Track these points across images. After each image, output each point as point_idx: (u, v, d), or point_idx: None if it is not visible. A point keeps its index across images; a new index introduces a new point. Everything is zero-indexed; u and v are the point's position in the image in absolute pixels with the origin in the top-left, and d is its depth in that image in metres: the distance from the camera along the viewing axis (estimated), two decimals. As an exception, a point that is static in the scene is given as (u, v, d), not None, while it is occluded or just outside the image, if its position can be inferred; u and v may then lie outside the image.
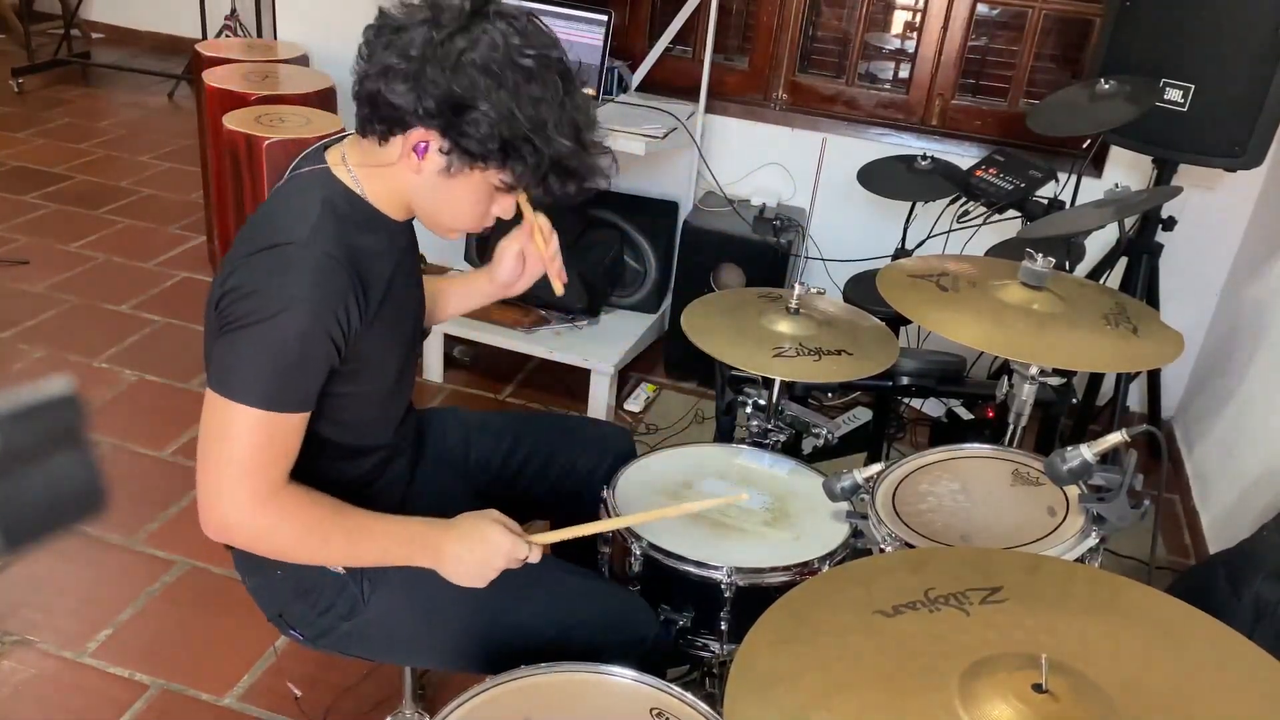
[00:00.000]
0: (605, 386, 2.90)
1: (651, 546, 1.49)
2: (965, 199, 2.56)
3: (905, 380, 2.23)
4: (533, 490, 1.69)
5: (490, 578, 1.29)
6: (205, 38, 5.10)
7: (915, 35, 3.16)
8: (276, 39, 3.71)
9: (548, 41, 1.20)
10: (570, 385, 2.98)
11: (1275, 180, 2.73)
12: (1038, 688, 0.85)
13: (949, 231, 2.63)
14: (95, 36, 6.25)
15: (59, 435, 0.43)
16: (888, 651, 0.93)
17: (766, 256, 2.95)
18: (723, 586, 1.45)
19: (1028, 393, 1.74)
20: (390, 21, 1.18)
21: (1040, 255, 1.68)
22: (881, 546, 1.41)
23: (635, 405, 3.03)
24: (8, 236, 3.71)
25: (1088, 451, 1.34)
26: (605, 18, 2.88)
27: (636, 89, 3.22)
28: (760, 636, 0.97)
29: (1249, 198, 2.84)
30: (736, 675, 0.92)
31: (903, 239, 2.78)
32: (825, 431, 1.99)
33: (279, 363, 1.17)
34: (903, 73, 3.28)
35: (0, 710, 1.88)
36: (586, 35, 2.90)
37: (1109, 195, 2.20)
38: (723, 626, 1.49)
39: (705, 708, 1.21)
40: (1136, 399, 3.08)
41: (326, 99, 3.23)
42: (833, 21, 3.32)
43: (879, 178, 2.69)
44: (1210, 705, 0.89)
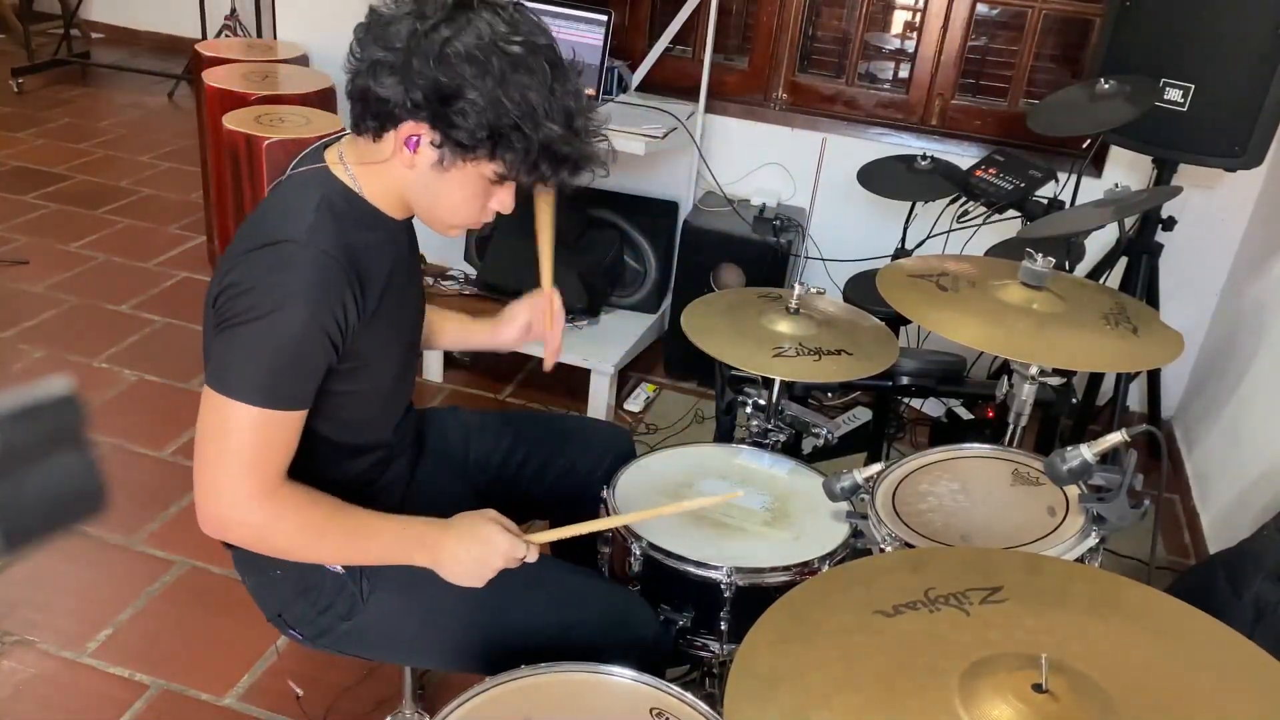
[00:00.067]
0: (605, 386, 2.90)
1: (651, 546, 1.49)
2: (965, 199, 2.56)
3: (905, 380, 2.23)
4: (532, 490, 1.69)
5: (488, 577, 1.29)
6: (205, 38, 5.10)
7: (915, 35, 3.16)
8: (276, 39, 3.71)
9: (535, 29, 1.20)
10: (570, 385, 2.98)
11: (1275, 180, 2.73)
12: (1038, 688, 0.85)
13: (949, 231, 2.63)
14: (95, 36, 6.25)
15: (59, 435, 0.43)
16: (888, 651, 0.93)
17: (766, 256, 2.95)
18: (723, 586, 1.45)
19: (1028, 393, 1.74)
20: (378, 18, 1.19)
21: (1040, 255, 1.68)
22: (881, 546, 1.41)
23: (635, 405, 3.03)
24: (8, 236, 3.71)
25: (1088, 451, 1.34)
26: (605, 18, 2.88)
27: (636, 89, 3.22)
28: (760, 636, 0.97)
29: (1249, 198, 2.84)
30: (736, 675, 0.92)
31: (903, 239, 2.78)
32: (825, 431, 1.99)
33: (276, 360, 1.17)
34: (903, 73, 3.28)
35: (0, 710, 1.88)
36: (586, 35, 2.90)
37: (1109, 195, 2.19)
38: (723, 626, 1.49)
39: (705, 708, 1.21)
40: (1136, 399, 3.08)
41: (326, 99, 3.23)
42: (833, 21, 3.31)
43: (879, 178, 2.69)
44: (1210, 705, 0.89)
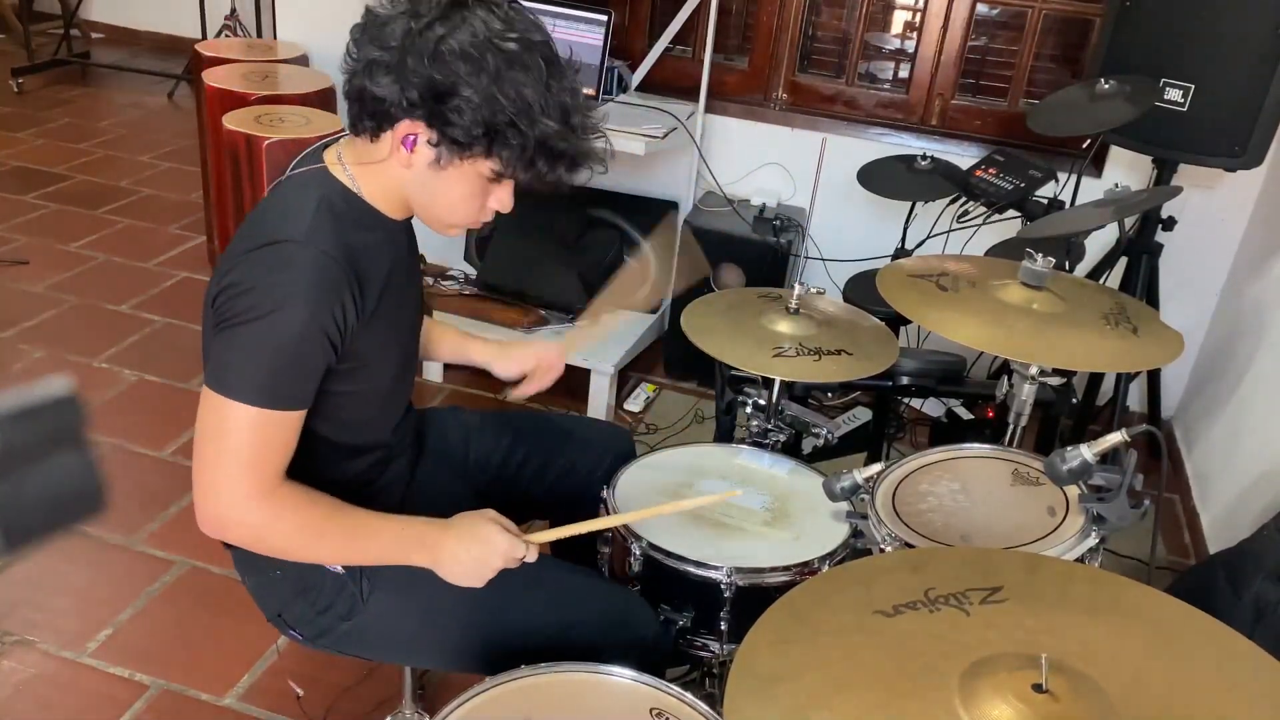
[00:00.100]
0: (605, 386, 2.90)
1: (651, 546, 1.49)
2: (965, 199, 2.56)
3: (905, 380, 2.23)
4: (532, 490, 1.69)
5: (488, 577, 1.29)
6: (205, 38, 5.10)
7: (915, 35, 3.16)
8: (276, 39, 3.71)
9: (530, 26, 1.20)
10: (570, 385, 2.97)
11: (1275, 180, 2.73)
12: (1038, 688, 0.85)
13: (949, 231, 2.63)
14: (95, 36, 6.25)
15: (59, 435, 0.43)
16: (888, 651, 0.93)
17: (766, 256, 2.95)
18: (723, 586, 1.45)
19: (1028, 393, 1.74)
20: (374, 18, 1.19)
21: (1040, 255, 1.68)
22: (881, 546, 1.41)
23: (635, 405, 3.03)
24: (8, 236, 3.71)
25: (1088, 451, 1.34)
26: (605, 18, 2.88)
27: (636, 89, 3.22)
28: (760, 636, 0.97)
29: (1249, 198, 2.84)
30: (736, 675, 0.92)
31: (903, 239, 2.78)
32: (825, 431, 1.99)
33: (275, 360, 1.17)
34: (903, 73, 3.28)
35: (0, 710, 1.88)
36: (586, 35, 2.90)
37: (1109, 195, 2.19)
38: (723, 626, 1.49)
39: (705, 708, 1.21)
40: (1136, 399, 3.08)
41: (326, 99, 3.23)
42: (833, 21, 3.31)
43: (879, 178, 2.69)
44: (1210, 705, 0.89)
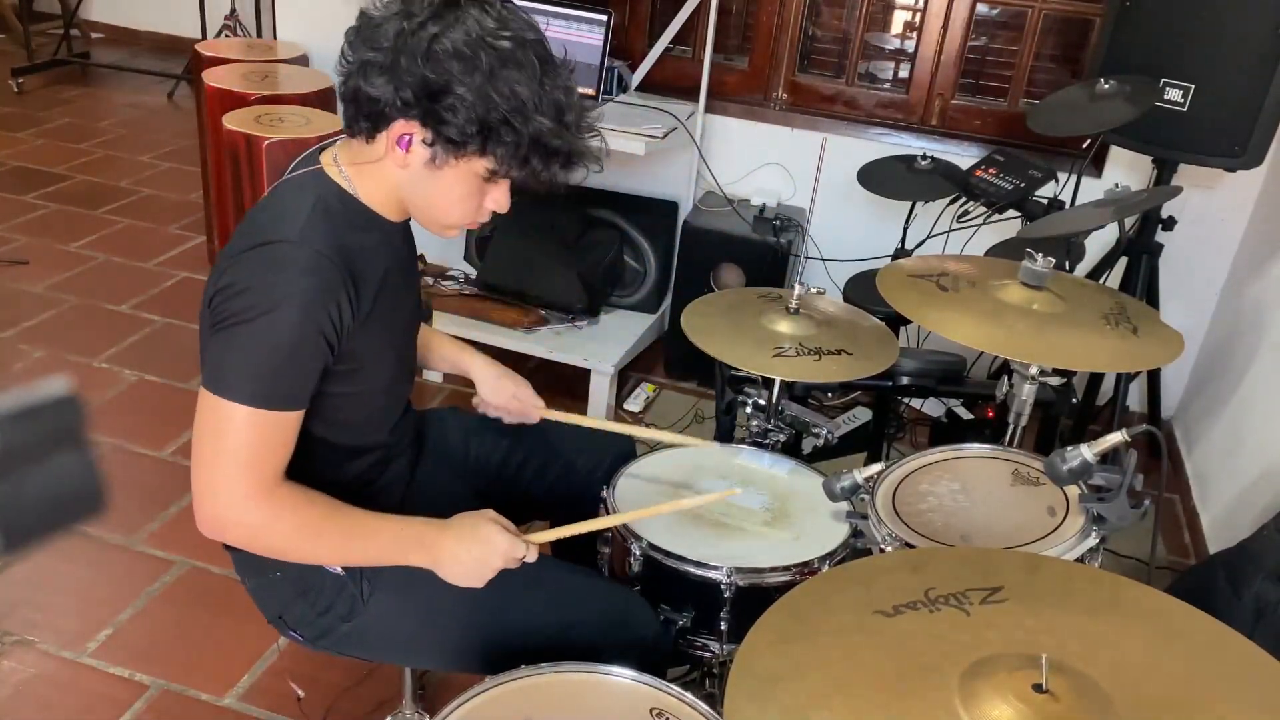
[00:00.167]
0: (605, 386, 2.90)
1: (651, 546, 1.49)
2: (965, 199, 2.56)
3: (905, 380, 2.23)
4: (532, 490, 1.69)
5: (488, 577, 1.29)
6: (205, 38, 5.10)
7: (915, 35, 3.16)
8: (276, 39, 3.71)
9: (524, 25, 1.20)
10: (570, 385, 2.98)
11: (1275, 180, 2.73)
12: (1038, 688, 0.85)
13: (949, 231, 2.63)
14: (95, 36, 6.25)
15: (59, 435, 0.43)
16: (888, 651, 0.93)
17: (766, 256, 2.95)
18: (723, 586, 1.45)
19: (1028, 393, 1.74)
20: (368, 20, 1.20)
21: (1040, 255, 1.68)
22: (881, 546, 1.41)
23: (635, 405, 3.03)
24: (8, 236, 3.71)
25: (1088, 451, 1.34)
26: (605, 18, 2.88)
27: (636, 89, 3.22)
28: (760, 636, 0.97)
29: (1249, 198, 2.84)
30: (736, 675, 0.92)
31: (903, 239, 2.78)
32: (825, 431, 1.99)
33: (271, 360, 1.17)
34: (903, 72, 3.28)
35: (0, 710, 1.88)
36: (586, 35, 2.90)
37: (1109, 195, 2.19)
38: (723, 626, 1.49)
39: (705, 708, 1.21)
40: (1136, 399, 3.08)
41: (326, 99, 3.23)
42: (833, 21, 3.31)
43: (879, 178, 2.69)
44: (1210, 705, 0.89)
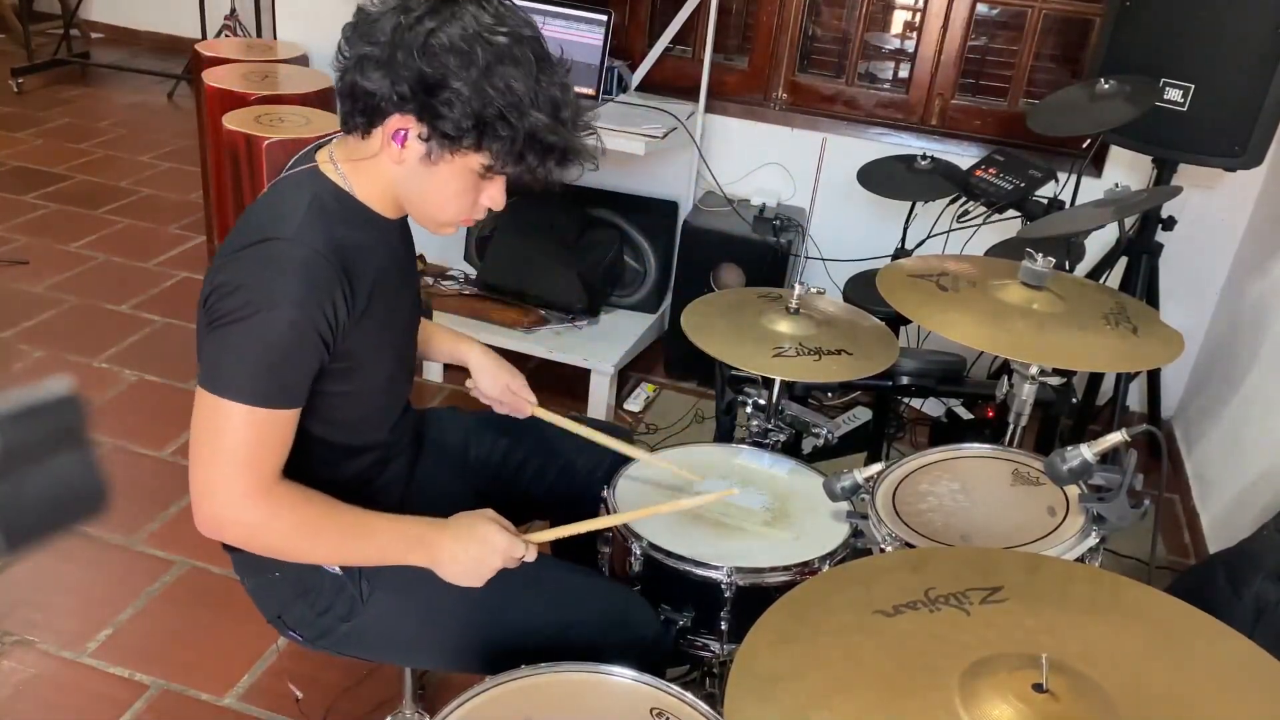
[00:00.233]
0: (605, 386, 2.90)
1: (652, 546, 1.49)
2: (965, 199, 2.56)
3: (905, 380, 2.23)
4: (532, 490, 1.69)
5: (487, 576, 1.29)
6: (205, 38, 5.10)
7: (915, 35, 3.16)
8: (276, 39, 3.71)
9: (520, 22, 1.20)
10: (570, 385, 2.98)
11: (1275, 180, 2.73)
12: (1038, 688, 0.85)
13: (949, 231, 2.63)
14: (95, 36, 6.25)
15: (60, 435, 0.43)
16: (888, 651, 0.93)
17: (766, 256, 2.95)
18: (723, 586, 1.45)
19: (1028, 393, 1.74)
20: (365, 16, 1.20)
21: (1040, 255, 1.68)
22: (881, 546, 1.41)
23: (635, 405, 3.03)
24: (8, 236, 3.71)
25: (1088, 451, 1.34)
26: (605, 18, 2.88)
27: (636, 89, 3.22)
28: (760, 636, 0.97)
29: (1249, 198, 2.85)
30: (736, 675, 0.92)
31: (902, 239, 2.78)
32: (825, 431, 1.99)
33: (267, 358, 1.17)
34: (902, 72, 3.28)
35: (0, 710, 1.88)
36: (586, 35, 2.90)
37: (1109, 195, 2.19)
38: (723, 626, 1.49)
39: (705, 708, 1.21)
40: (1136, 399, 3.08)
41: (326, 99, 3.23)
42: (832, 21, 3.31)
43: (879, 177, 2.69)
44: (1210, 705, 0.89)
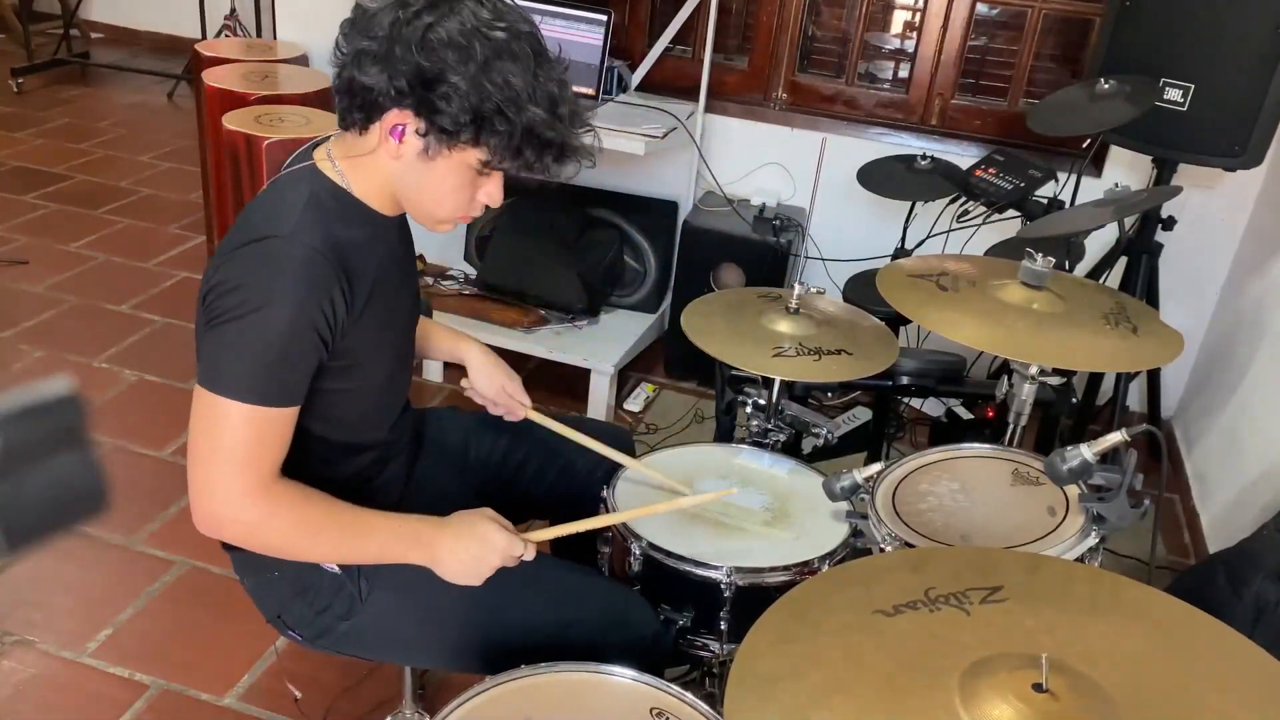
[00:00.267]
0: (605, 386, 2.89)
1: (651, 546, 1.49)
2: (965, 199, 2.56)
3: (905, 380, 2.23)
4: (532, 490, 1.69)
5: (486, 575, 1.29)
6: (205, 38, 5.10)
7: (915, 35, 3.16)
8: (276, 39, 3.71)
9: (518, 17, 1.20)
10: (570, 385, 2.98)
11: (1275, 180, 2.73)
12: (1038, 687, 0.85)
13: (949, 231, 2.63)
14: (95, 36, 6.25)
15: (60, 435, 0.43)
16: (888, 651, 0.93)
17: (766, 256, 2.95)
18: (723, 586, 1.45)
19: (1028, 392, 1.74)
20: (363, 12, 1.20)
21: (1040, 255, 1.68)
22: (881, 546, 1.41)
23: (635, 405, 3.03)
24: (8, 236, 3.71)
25: (1088, 451, 1.34)
26: (605, 17, 2.88)
27: (636, 89, 3.22)
28: (760, 636, 0.97)
29: (1249, 197, 2.85)
30: (736, 675, 0.92)
31: (902, 239, 2.78)
32: (825, 431, 1.99)
33: (265, 356, 1.17)
34: (902, 72, 3.28)
35: (0, 710, 1.88)
36: (586, 35, 2.90)
37: (1109, 195, 2.19)
38: (723, 626, 1.49)
39: (705, 708, 1.21)
40: (1136, 399, 3.08)
41: (326, 99, 3.23)
42: (832, 21, 3.31)
43: (879, 177, 2.69)
44: (1210, 705, 0.89)
